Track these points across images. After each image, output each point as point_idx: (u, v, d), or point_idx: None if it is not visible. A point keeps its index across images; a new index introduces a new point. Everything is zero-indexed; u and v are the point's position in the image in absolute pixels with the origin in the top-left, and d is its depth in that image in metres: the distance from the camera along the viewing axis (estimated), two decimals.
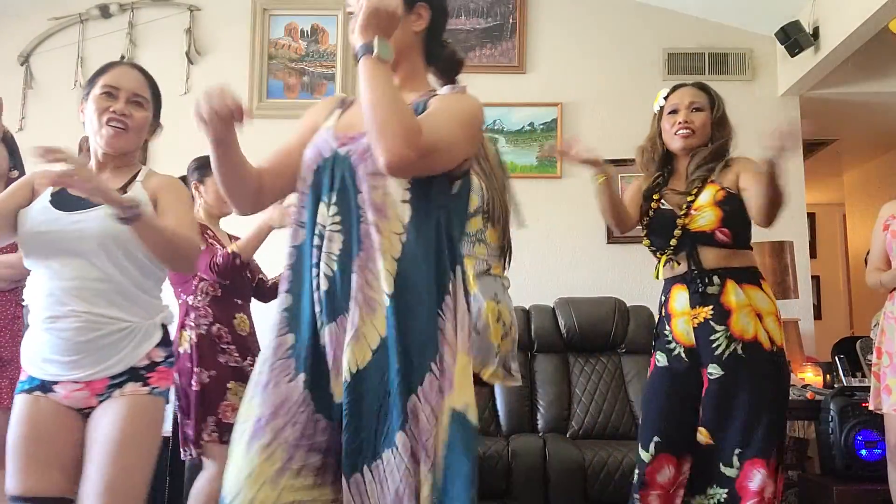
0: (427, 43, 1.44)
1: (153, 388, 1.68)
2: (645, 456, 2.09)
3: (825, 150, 5.47)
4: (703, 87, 2.23)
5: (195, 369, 2.50)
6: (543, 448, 3.04)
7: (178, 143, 4.14)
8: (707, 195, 2.08)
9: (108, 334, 1.65)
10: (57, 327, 1.64)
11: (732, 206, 2.06)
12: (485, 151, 2.46)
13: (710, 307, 2.04)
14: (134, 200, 1.55)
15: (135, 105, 1.75)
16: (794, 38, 3.75)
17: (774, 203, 1.94)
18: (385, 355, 1.24)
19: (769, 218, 1.98)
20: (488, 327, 2.29)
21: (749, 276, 2.08)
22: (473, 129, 1.35)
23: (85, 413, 1.68)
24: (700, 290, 2.06)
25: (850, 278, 6.43)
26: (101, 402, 1.66)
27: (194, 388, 2.49)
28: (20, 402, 1.68)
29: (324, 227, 1.30)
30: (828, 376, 3.60)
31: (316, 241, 1.31)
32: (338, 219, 1.29)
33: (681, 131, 2.15)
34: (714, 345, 2.02)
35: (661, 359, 2.16)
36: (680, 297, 2.11)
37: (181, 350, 2.54)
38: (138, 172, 1.81)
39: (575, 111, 4.18)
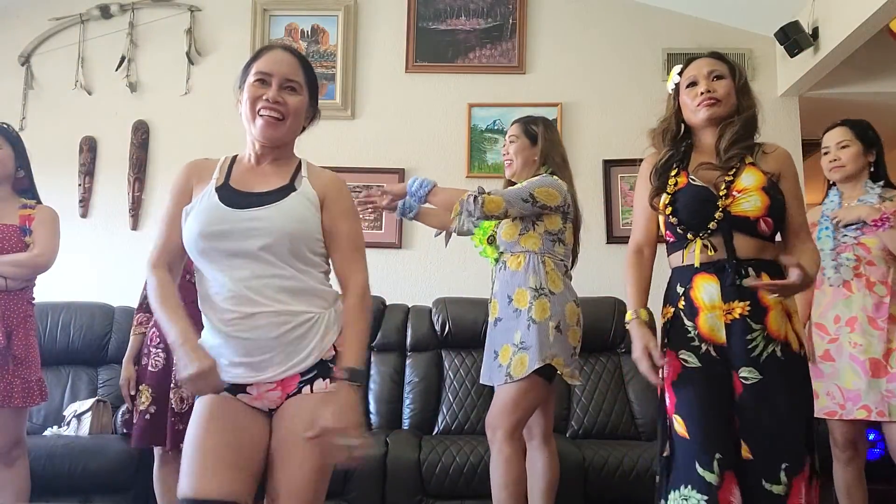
0: None
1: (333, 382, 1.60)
2: (711, 478, 1.74)
3: None
4: (719, 56, 2.02)
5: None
6: None
7: (180, 143, 4.18)
8: (751, 178, 1.87)
9: (296, 327, 1.58)
10: (244, 328, 1.56)
11: (779, 195, 1.87)
12: (561, 151, 2.61)
13: (747, 302, 1.81)
14: (354, 371, 1.55)
15: (288, 91, 1.63)
16: (794, 39, 3.76)
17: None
18: None
19: None
20: (569, 328, 2.41)
21: (780, 272, 1.87)
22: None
23: (272, 413, 1.61)
24: (737, 282, 1.82)
25: None
26: (289, 397, 1.59)
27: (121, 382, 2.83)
28: (205, 401, 1.58)
29: None
30: None
31: None
32: None
33: (705, 102, 1.93)
34: (751, 345, 1.80)
35: (689, 359, 1.85)
36: (708, 289, 1.85)
37: None
38: (299, 164, 1.71)
39: (575, 111, 4.19)
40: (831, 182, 2.75)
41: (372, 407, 3.53)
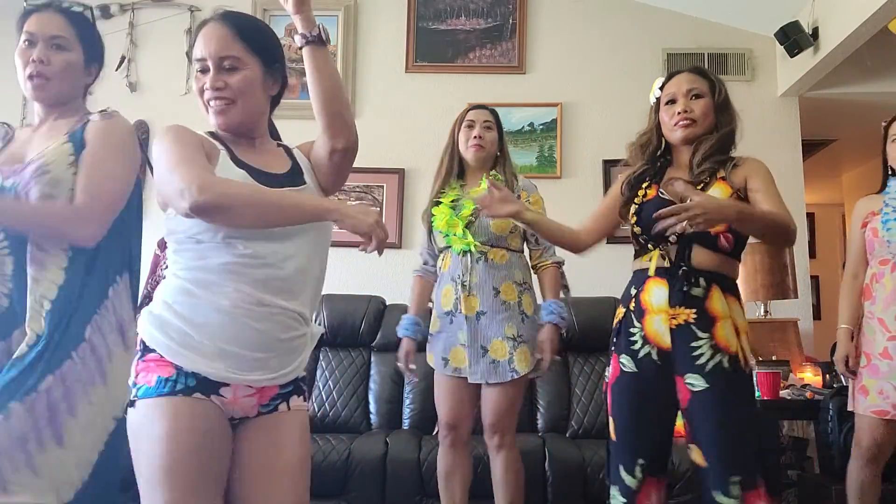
0: None
1: (305, 401, 1.48)
2: (631, 482, 1.85)
3: (824, 151, 5.47)
4: (700, 72, 2.02)
5: None
6: (543, 448, 3.05)
7: None
8: (718, 193, 1.87)
9: (297, 337, 1.42)
10: (258, 316, 1.34)
11: None
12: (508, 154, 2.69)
13: (694, 310, 1.83)
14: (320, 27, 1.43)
15: (226, 71, 1.48)
16: (794, 39, 3.76)
17: (767, 234, 1.84)
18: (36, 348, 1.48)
19: (776, 245, 1.85)
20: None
21: (733, 288, 1.91)
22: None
23: (234, 423, 1.39)
24: (684, 288, 1.84)
25: None
26: (261, 412, 1.40)
27: None
28: (174, 406, 1.29)
29: None
30: (827, 376, 3.61)
31: None
32: (6, 243, 1.57)
33: (681, 122, 1.95)
34: (696, 353, 1.81)
35: (626, 363, 1.91)
36: (657, 293, 1.88)
37: None
38: (287, 148, 1.60)
39: (575, 111, 4.19)
40: (891, 172, 2.67)
41: (372, 407, 3.54)
